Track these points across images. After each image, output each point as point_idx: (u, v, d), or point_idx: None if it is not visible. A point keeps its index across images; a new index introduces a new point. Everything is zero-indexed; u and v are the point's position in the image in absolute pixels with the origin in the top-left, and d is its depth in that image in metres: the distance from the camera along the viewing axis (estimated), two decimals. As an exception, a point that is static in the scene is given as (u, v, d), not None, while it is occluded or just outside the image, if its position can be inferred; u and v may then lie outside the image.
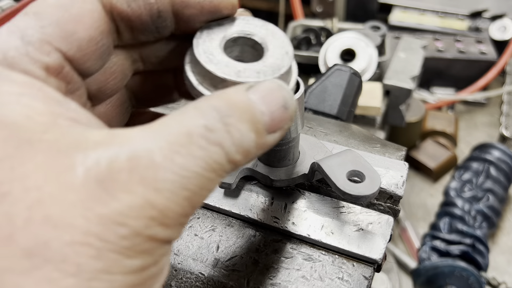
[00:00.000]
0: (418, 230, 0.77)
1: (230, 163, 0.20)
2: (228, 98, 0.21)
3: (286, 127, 0.23)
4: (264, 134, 0.21)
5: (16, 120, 0.18)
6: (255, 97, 0.21)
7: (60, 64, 0.21)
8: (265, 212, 0.33)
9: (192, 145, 0.18)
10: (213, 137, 0.19)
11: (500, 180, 0.75)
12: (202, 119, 0.19)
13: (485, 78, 0.94)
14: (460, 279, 0.62)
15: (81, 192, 0.16)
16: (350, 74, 0.52)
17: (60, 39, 0.21)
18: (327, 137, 0.40)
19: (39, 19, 0.21)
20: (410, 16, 1.08)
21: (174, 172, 0.18)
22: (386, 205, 0.34)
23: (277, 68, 0.24)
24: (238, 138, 0.20)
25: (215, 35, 0.26)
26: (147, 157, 0.17)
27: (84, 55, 0.22)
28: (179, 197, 0.18)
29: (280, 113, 0.22)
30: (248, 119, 0.21)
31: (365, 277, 0.30)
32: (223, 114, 0.20)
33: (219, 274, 0.31)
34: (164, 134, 0.18)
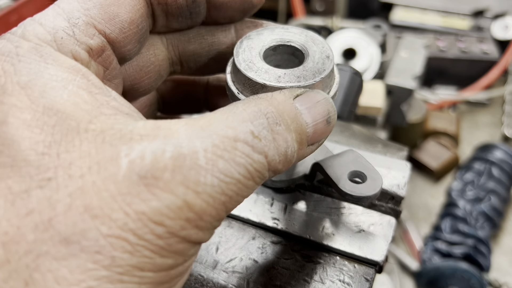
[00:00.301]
0: (419, 230, 0.76)
1: (270, 172, 0.20)
2: (277, 105, 0.21)
3: (324, 141, 0.23)
4: (305, 146, 0.22)
5: (64, 107, 0.18)
6: (302, 108, 0.22)
7: (102, 47, 0.22)
8: (265, 213, 0.33)
9: (237, 151, 0.18)
10: (259, 146, 0.19)
11: (502, 180, 0.75)
12: (251, 124, 0.19)
13: (488, 77, 0.94)
14: (462, 281, 0.62)
15: (123, 185, 0.16)
16: (351, 74, 0.52)
17: (103, 21, 0.21)
18: (328, 137, 0.40)
19: (83, 2, 0.21)
20: (412, 15, 1.07)
21: (215, 176, 0.18)
22: (387, 206, 0.34)
23: (317, 72, 0.24)
24: (283, 148, 0.20)
25: (255, 44, 0.26)
26: (191, 157, 0.17)
27: (125, 37, 0.23)
28: (217, 201, 0.18)
29: (322, 126, 0.22)
30: (295, 129, 0.21)
31: (367, 279, 0.30)
32: (272, 122, 0.20)
33: (218, 276, 0.30)
34: (210, 134, 0.18)
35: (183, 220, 0.17)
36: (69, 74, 0.19)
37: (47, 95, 0.18)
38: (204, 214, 0.18)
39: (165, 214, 0.17)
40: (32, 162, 0.16)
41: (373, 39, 0.76)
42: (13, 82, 0.18)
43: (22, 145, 0.17)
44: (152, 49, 0.27)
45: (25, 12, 0.71)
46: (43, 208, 0.16)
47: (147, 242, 0.16)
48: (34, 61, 0.19)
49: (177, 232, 0.17)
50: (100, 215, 0.16)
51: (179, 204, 0.17)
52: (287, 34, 0.27)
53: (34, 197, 0.16)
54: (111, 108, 0.19)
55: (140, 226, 0.16)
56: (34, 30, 0.20)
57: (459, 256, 0.65)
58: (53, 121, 0.17)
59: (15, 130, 0.17)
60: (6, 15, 0.68)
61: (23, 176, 0.16)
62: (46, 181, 0.16)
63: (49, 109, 0.18)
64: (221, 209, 0.18)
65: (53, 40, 0.20)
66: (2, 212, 0.16)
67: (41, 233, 0.16)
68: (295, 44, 0.27)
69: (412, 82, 0.71)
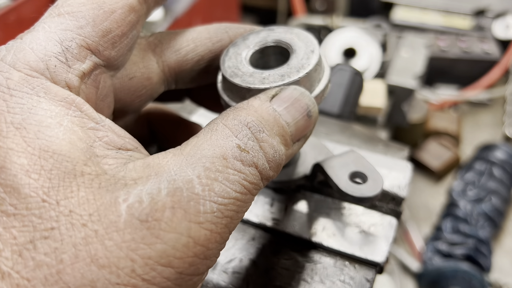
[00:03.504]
0: (420, 231, 0.76)
1: (264, 180, 0.20)
2: (255, 112, 0.21)
3: (308, 134, 0.23)
4: (291, 145, 0.22)
5: (60, 148, 0.17)
6: (280, 109, 0.21)
7: (94, 68, 0.21)
8: (265, 214, 0.33)
9: (229, 169, 0.18)
10: (248, 158, 0.19)
11: (503, 180, 0.75)
12: (235, 138, 0.19)
13: (489, 77, 0.94)
14: (463, 281, 0.62)
15: (125, 232, 0.16)
16: (352, 74, 0.51)
17: (97, 39, 0.20)
18: (329, 137, 0.40)
19: (75, 19, 0.20)
20: (413, 14, 1.07)
21: (214, 201, 0.17)
22: (388, 207, 0.34)
23: (301, 67, 0.24)
24: (272, 154, 0.20)
25: (240, 50, 0.26)
26: (188, 189, 0.17)
27: (118, 51, 0.22)
28: (219, 226, 0.18)
29: (303, 122, 0.22)
30: (278, 133, 0.21)
31: (367, 279, 0.30)
32: (255, 130, 0.20)
33: (218, 277, 0.30)
34: (199, 158, 0.18)
35: (191, 257, 0.17)
36: (62, 108, 0.18)
37: (42, 135, 0.17)
38: (209, 243, 0.17)
39: (171, 255, 0.16)
40: (33, 211, 0.16)
41: (374, 39, 0.76)
42: (7, 122, 0.17)
43: (22, 193, 0.16)
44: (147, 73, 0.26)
45: (24, 12, 0.71)
46: (50, 260, 0.16)
47: (156, 286, 0.16)
48: (26, 95, 0.18)
49: (186, 271, 0.17)
50: (107, 264, 0.16)
51: (185, 241, 0.17)
52: (273, 34, 0.27)
53: (40, 249, 0.16)
54: (103, 145, 0.19)
55: (148, 270, 0.16)
56: (25, 57, 0.19)
57: (460, 256, 0.65)
58: (50, 164, 0.17)
59: (13, 176, 0.17)
60: (5, 15, 0.68)
61: (26, 225, 0.16)
62: (49, 231, 0.16)
63: (45, 152, 0.17)
64: (224, 231, 0.18)
65: (46, 69, 0.19)
66: (11, 264, 0.16)
67: (51, 286, 0.16)
68: (281, 44, 0.26)
69: (413, 82, 0.71)
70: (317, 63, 0.24)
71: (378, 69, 0.74)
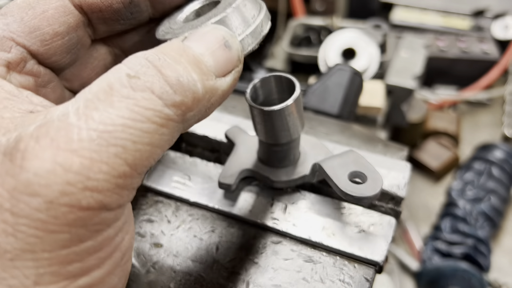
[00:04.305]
0: (419, 230, 0.76)
1: (172, 107, 0.18)
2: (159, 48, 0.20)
3: (238, 69, 0.21)
4: (211, 76, 0.20)
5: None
6: (190, 43, 0.20)
7: (22, 59, 0.22)
8: (265, 213, 0.33)
9: (113, 97, 0.17)
10: (138, 83, 0.17)
11: (503, 180, 0.75)
12: (125, 67, 0.18)
13: (488, 77, 0.94)
14: (462, 281, 0.62)
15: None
16: (351, 74, 0.52)
17: (23, 34, 0.22)
18: (328, 137, 0.40)
19: (4, 18, 0.22)
20: (412, 15, 1.07)
21: (92, 129, 0.16)
22: (387, 207, 0.34)
23: (228, 4, 0.23)
24: (174, 78, 0.18)
25: (175, 16, 0.26)
26: (60, 120, 0.16)
27: (48, 49, 0.23)
28: (104, 155, 0.16)
29: (222, 53, 0.21)
30: (186, 61, 0.19)
31: (367, 279, 0.30)
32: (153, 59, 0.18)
33: (218, 276, 0.30)
34: (83, 93, 0.18)
35: (60, 184, 0.16)
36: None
37: None
38: (91, 172, 0.16)
39: (36, 183, 0.15)
40: None
41: (373, 39, 0.76)
42: None
43: None
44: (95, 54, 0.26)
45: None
46: None
47: (27, 219, 0.15)
48: None
49: (58, 199, 0.15)
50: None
51: (49, 167, 0.16)
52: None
53: None
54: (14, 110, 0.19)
55: (15, 203, 0.15)
56: None
57: (459, 256, 0.65)
58: None
59: None
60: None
61: None
62: None
63: None
64: (116, 162, 0.16)
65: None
66: None
67: None
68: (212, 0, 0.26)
69: (412, 82, 0.71)
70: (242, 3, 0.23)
71: (377, 69, 0.74)
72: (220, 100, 0.21)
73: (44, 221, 0.15)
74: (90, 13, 0.24)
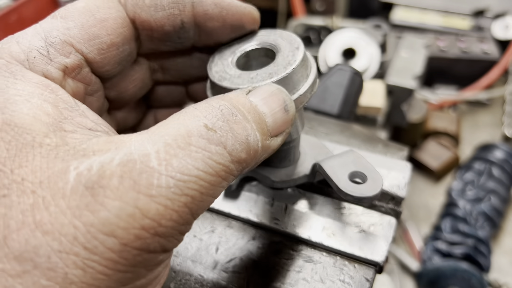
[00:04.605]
0: (419, 230, 0.76)
1: (235, 163, 0.19)
2: (230, 99, 0.20)
3: (288, 130, 0.23)
4: (268, 136, 0.21)
5: (22, 121, 0.18)
6: (256, 100, 0.21)
7: (79, 65, 0.22)
8: (265, 214, 0.33)
9: (191, 146, 0.17)
10: (214, 137, 0.18)
11: (503, 180, 0.75)
12: (204, 118, 0.19)
13: (488, 77, 0.94)
14: (462, 281, 0.62)
15: (71, 198, 0.16)
16: (351, 74, 0.51)
17: (83, 41, 0.22)
18: (328, 137, 0.40)
19: (65, 21, 0.22)
20: (412, 14, 1.07)
21: (171, 176, 0.17)
22: (388, 207, 0.34)
23: (288, 64, 0.24)
24: (243, 136, 0.19)
25: (226, 56, 0.26)
26: (142, 161, 0.17)
27: (104, 58, 0.23)
28: (176, 203, 0.17)
29: (281, 115, 0.22)
30: (254, 120, 0.20)
31: (367, 279, 0.30)
32: (227, 113, 0.19)
33: (218, 276, 0.30)
34: (162, 135, 0.18)
35: (137, 228, 0.16)
36: (36, 89, 0.19)
37: (6, 111, 0.18)
38: (163, 219, 0.16)
39: (114, 224, 0.16)
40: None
41: (373, 39, 0.76)
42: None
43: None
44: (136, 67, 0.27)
45: (24, 12, 0.71)
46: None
47: (99, 256, 0.16)
48: (3, 77, 0.19)
49: (132, 243, 0.16)
50: (51, 230, 0.16)
51: (130, 211, 0.16)
52: (256, 38, 0.27)
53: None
54: (74, 123, 0.19)
55: (90, 239, 0.16)
56: (9, 48, 0.20)
57: (459, 256, 0.65)
58: (9, 136, 0.17)
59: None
60: (6, 15, 0.68)
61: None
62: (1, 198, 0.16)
63: (7, 125, 0.17)
64: (184, 211, 0.17)
65: (25, 59, 0.20)
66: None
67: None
68: (264, 46, 0.26)
69: (413, 82, 0.71)
70: (302, 59, 0.24)
71: (377, 69, 0.74)
72: (268, 156, 0.22)
73: (115, 261, 0.16)
74: (141, 29, 0.24)
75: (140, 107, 0.32)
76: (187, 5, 0.24)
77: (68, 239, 0.16)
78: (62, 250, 0.16)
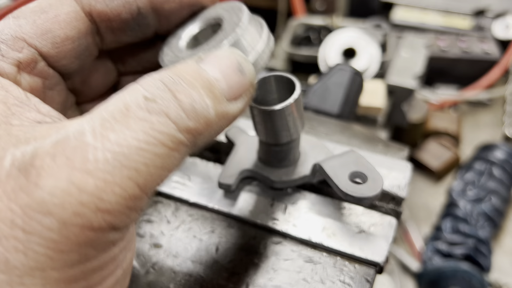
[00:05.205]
0: (420, 231, 0.76)
1: (185, 133, 0.18)
2: (175, 70, 0.20)
3: (248, 93, 0.22)
4: (223, 101, 0.20)
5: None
6: (206, 66, 0.20)
7: (33, 59, 0.22)
8: (265, 214, 0.33)
9: (129, 119, 0.17)
10: (155, 107, 0.17)
11: (503, 180, 0.75)
12: (142, 89, 0.18)
13: (489, 77, 0.94)
14: (463, 281, 0.62)
15: (6, 183, 0.16)
16: (352, 74, 0.51)
17: (35, 36, 0.22)
18: (328, 137, 0.40)
19: (16, 20, 0.22)
20: (413, 14, 1.07)
21: (107, 150, 0.16)
22: (388, 207, 0.34)
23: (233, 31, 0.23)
24: (189, 104, 0.18)
25: (174, 43, 0.26)
26: (76, 138, 0.16)
27: (59, 52, 0.23)
28: (118, 177, 0.16)
29: (236, 77, 0.21)
30: (201, 85, 0.19)
31: (367, 279, 0.30)
32: (169, 82, 0.18)
33: (218, 277, 0.30)
34: (99, 112, 0.17)
35: (74, 204, 0.15)
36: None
37: None
38: (104, 194, 0.16)
39: (50, 202, 0.15)
40: None
41: (373, 39, 0.76)
42: None
43: None
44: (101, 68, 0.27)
45: (25, 11, 0.71)
46: None
47: (39, 238, 0.15)
48: None
49: (71, 220, 0.15)
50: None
51: (64, 187, 0.15)
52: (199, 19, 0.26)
53: None
54: (22, 118, 0.19)
55: (27, 220, 0.15)
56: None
57: (460, 256, 0.65)
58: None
59: None
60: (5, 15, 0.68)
61: None
62: None
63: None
64: (129, 185, 0.16)
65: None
66: None
67: None
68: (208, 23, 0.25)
69: (413, 82, 0.71)
70: (249, 19, 0.24)
71: (378, 69, 0.74)
72: (229, 124, 0.21)
73: (56, 240, 0.15)
74: (99, 21, 0.24)
75: None
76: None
77: (6, 223, 0.15)
78: (1, 235, 0.15)
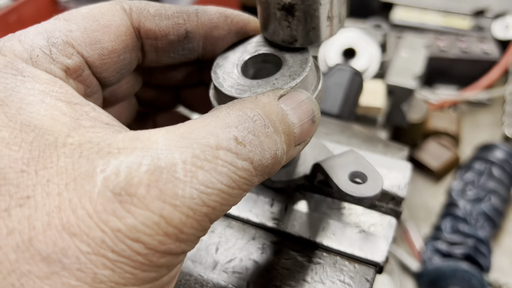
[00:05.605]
0: (420, 231, 0.76)
1: (259, 177, 0.19)
2: (263, 107, 0.20)
3: (309, 140, 0.23)
4: (293, 146, 0.21)
5: (41, 122, 0.18)
6: (287, 108, 0.21)
7: (80, 67, 0.22)
8: (265, 214, 0.33)
9: (218, 160, 0.18)
10: (243, 152, 0.19)
11: (503, 180, 0.75)
12: (235, 129, 0.19)
13: (488, 77, 0.94)
14: (463, 281, 0.62)
15: (98, 202, 0.16)
16: (351, 74, 0.51)
17: (83, 44, 0.22)
18: (328, 137, 0.40)
19: (67, 24, 0.22)
20: (412, 14, 1.07)
21: (195, 188, 0.17)
22: (388, 207, 0.34)
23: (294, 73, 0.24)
24: (273, 150, 0.20)
25: (231, 58, 0.26)
26: (169, 170, 0.17)
27: (103, 64, 0.23)
28: (198, 213, 0.17)
29: (308, 126, 0.22)
30: (284, 131, 0.20)
31: (367, 279, 0.30)
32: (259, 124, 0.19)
33: (218, 277, 0.30)
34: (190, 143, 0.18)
35: (161, 235, 0.17)
36: (47, 86, 0.19)
37: (23, 112, 0.18)
38: (184, 227, 0.17)
39: (141, 231, 0.16)
40: (11, 180, 0.17)
41: (373, 39, 0.76)
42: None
43: (1, 163, 0.17)
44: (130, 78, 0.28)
45: (24, 12, 0.71)
46: (23, 228, 0.16)
47: (126, 259, 0.16)
48: (10, 75, 0.19)
49: (157, 248, 0.17)
50: (78, 233, 0.16)
51: (155, 220, 0.17)
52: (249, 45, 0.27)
53: (14, 216, 0.16)
54: (90, 119, 0.19)
55: (117, 243, 0.16)
56: (12, 46, 0.20)
57: (460, 256, 0.65)
58: (31, 137, 0.17)
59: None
60: (6, 15, 0.68)
61: (3, 194, 0.16)
62: (25, 199, 0.16)
63: (27, 126, 0.18)
64: (204, 220, 0.18)
65: (28, 58, 0.20)
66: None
67: (23, 252, 0.16)
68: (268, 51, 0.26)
69: (413, 82, 0.71)
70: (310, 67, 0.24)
71: (377, 69, 0.74)
72: None
73: (141, 263, 0.17)
74: (145, 38, 0.24)
75: (133, 103, 0.32)
76: (192, 14, 0.25)
77: (96, 242, 0.16)
78: (91, 252, 0.16)
